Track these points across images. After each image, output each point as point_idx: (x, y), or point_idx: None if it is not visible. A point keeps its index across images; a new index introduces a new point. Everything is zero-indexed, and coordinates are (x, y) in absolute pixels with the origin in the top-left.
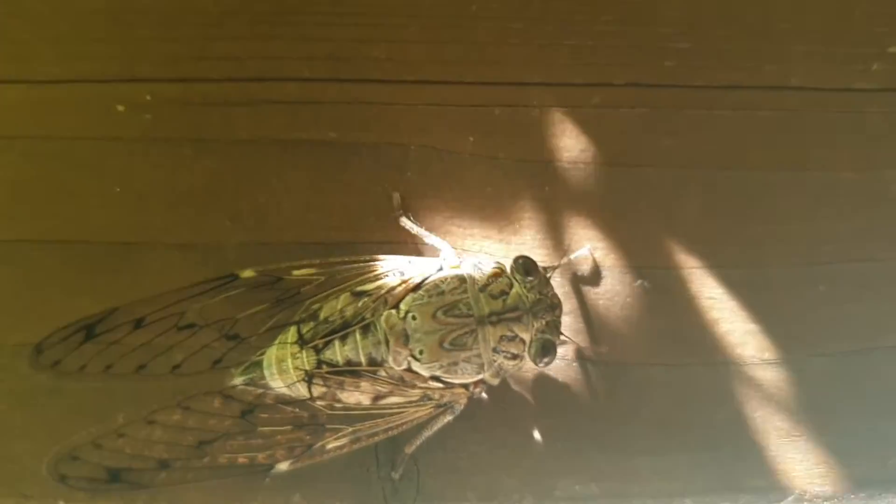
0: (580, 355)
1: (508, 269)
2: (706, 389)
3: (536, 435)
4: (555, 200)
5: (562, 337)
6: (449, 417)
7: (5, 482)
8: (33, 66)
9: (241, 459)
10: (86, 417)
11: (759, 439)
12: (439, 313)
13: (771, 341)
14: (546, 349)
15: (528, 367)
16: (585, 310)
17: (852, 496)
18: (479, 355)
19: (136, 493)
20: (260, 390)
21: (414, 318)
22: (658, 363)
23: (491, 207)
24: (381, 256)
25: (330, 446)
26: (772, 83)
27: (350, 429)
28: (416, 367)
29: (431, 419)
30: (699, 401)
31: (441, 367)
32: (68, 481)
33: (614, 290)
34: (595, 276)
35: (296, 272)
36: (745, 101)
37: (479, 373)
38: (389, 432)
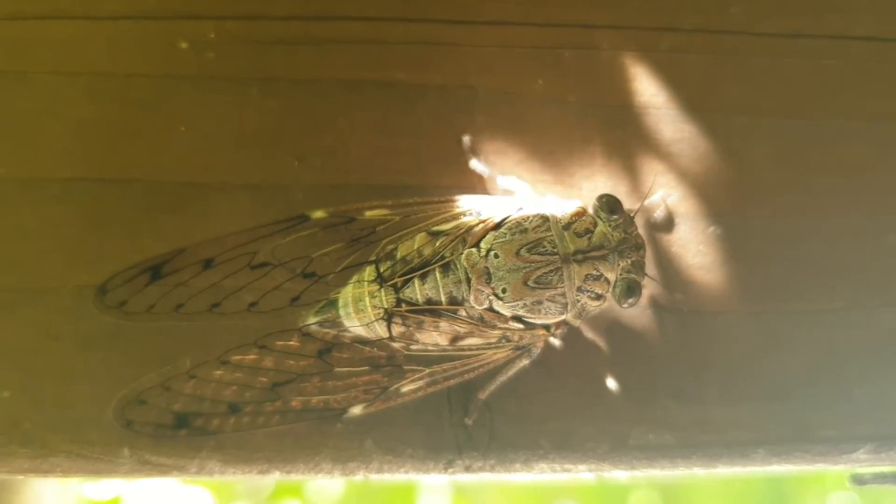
0: (654, 303)
1: (591, 208)
2: (778, 338)
3: (610, 383)
4: (627, 145)
5: (646, 278)
6: (525, 361)
7: (67, 428)
8: (95, 1)
9: (315, 402)
10: (149, 362)
11: (830, 389)
12: (523, 251)
13: (840, 291)
14: (632, 289)
15: (608, 309)
16: (659, 256)
17: None
18: (563, 294)
19: (203, 440)
20: (336, 330)
21: (496, 255)
22: (731, 311)
23: (562, 152)
24: (455, 197)
25: (405, 389)
26: (835, 32)
27: (427, 370)
28: (497, 306)
29: (508, 363)
30: (772, 350)
31: (524, 305)
32: (134, 426)
33: (687, 236)
34: (668, 223)
35: (368, 213)
36: (809, 50)
37: (562, 313)
38: (466, 375)
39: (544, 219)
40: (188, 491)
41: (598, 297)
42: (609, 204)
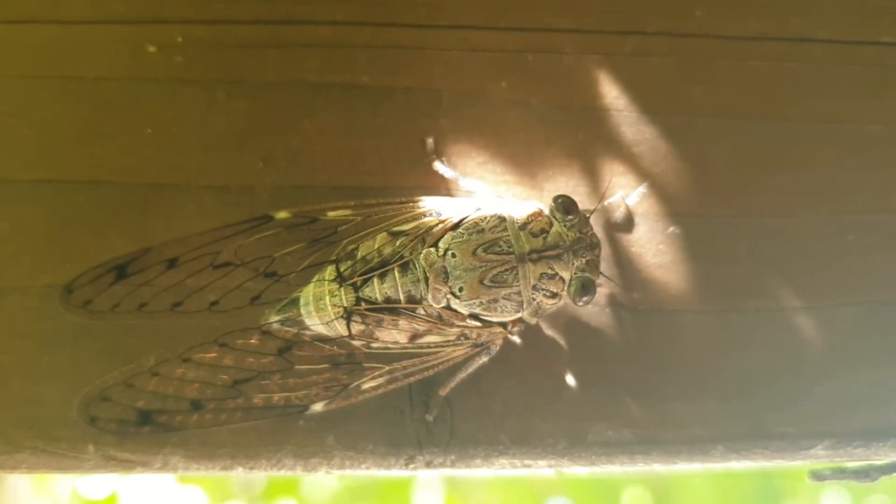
0: (613, 301)
1: (547, 209)
2: (737, 336)
3: (570, 380)
4: (588, 147)
5: (601, 277)
6: (484, 359)
7: (34, 425)
8: (64, 5)
9: (276, 399)
10: (115, 359)
11: (789, 387)
12: (479, 250)
13: (800, 290)
14: (586, 288)
15: (565, 307)
16: (618, 256)
17: (881, 444)
18: (518, 293)
19: (167, 437)
20: (297, 329)
21: (454, 255)
22: (689, 310)
23: (524, 153)
24: (417, 198)
25: (366, 386)
26: (799, 35)
27: (387, 367)
28: (455, 304)
29: (467, 360)
30: (730, 348)
31: (481, 303)
32: (98, 423)
33: (646, 236)
34: (628, 223)
35: (331, 213)
36: (773, 53)
37: (517, 311)
38: (425, 372)
39: (501, 219)
40: (182, 490)
41: (554, 295)
42: (564, 205)
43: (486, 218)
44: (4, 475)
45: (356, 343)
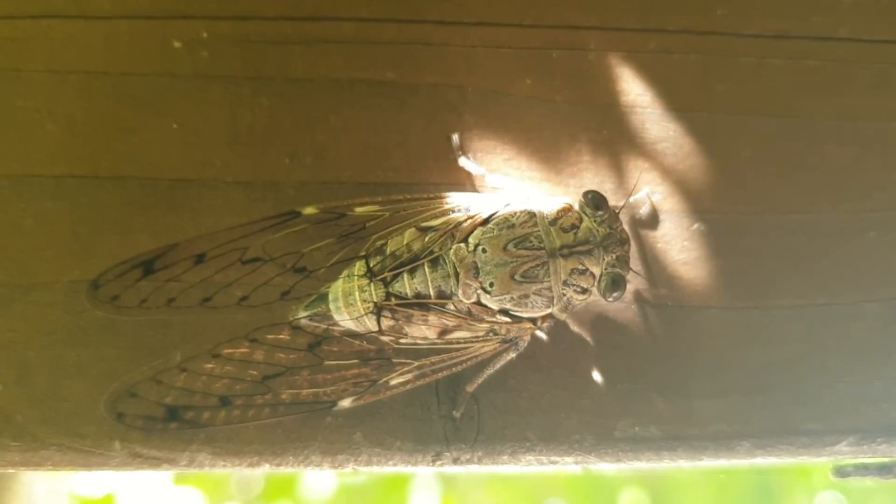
0: (638, 297)
1: (577, 205)
2: (761, 333)
3: (596, 376)
4: (613, 144)
5: (631, 272)
6: (512, 354)
7: (59, 421)
8: (89, 1)
9: (305, 395)
10: (141, 355)
11: (814, 383)
12: (510, 246)
13: (823, 286)
14: (616, 283)
15: (592, 303)
16: (644, 252)
17: None
18: (549, 288)
19: (194, 433)
20: (326, 324)
21: (484, 250)
22: (714, 306)
23: (549, 150)
24: (445, 194)
25: (394, 382)
26: (820, 33)
27: (415, 363)
28: (485, 299)
29: (495, 356)
30: (756, 344)
31: (511, 299)
32: (125, 419)
33: (671, 233)
34: (653, 220)
35: (359, 209)
36: (795, 51)
37: (548, 306)
38: (454, 368)
39: (531, 215)
40: (179, 490)
41: (584, 290)
42: (594, 200)
43: (516, 213)
44: (18, 474)
45: (385, 338)
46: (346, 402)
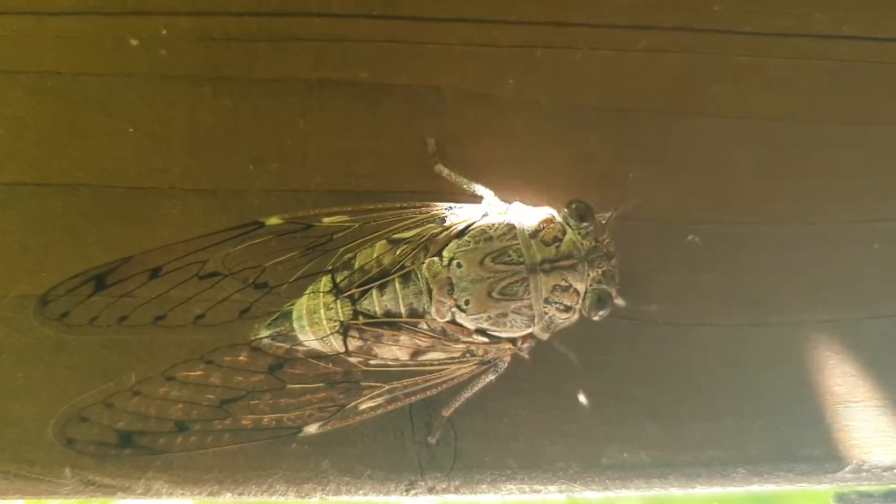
0: (628, 314)
1: (560, 216)
2: (760, 352)
3: (582, 399)
4: (601, 150)
5: (618, 289)
6: (491, 377)
7: (7, 447)
8: None
9: (267, 421)
10: (94, 377)
11: (814, 405)
12: (487, 260)
13: (824, 302)
14: (602, 301)
15: (577, 322)
16: (634, 266)
17: None
18: (529, 306)
19: (149, 460)
20: (289, 344)
21: (459, 265)
22: (709, 323)
23: (532, 156)
24: (419, 203)
25: (363, 406)
26: (823, 32)
27: (386, 386)
28: (460, 318)
29: (472, 378)
30: (752, 364)
31: (489, 318)
32: (76, 445)
33: (664, 246)
34: (644, 231)
35: (326, 219)
36: (796, 50)
37: (528, 325)
38: (428, 392)
39: (510, 227)
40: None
41: (567, 308)
42: (579, 210)
43: (494, 225)
44: None
45: (353, 360)
46: (311, 428)
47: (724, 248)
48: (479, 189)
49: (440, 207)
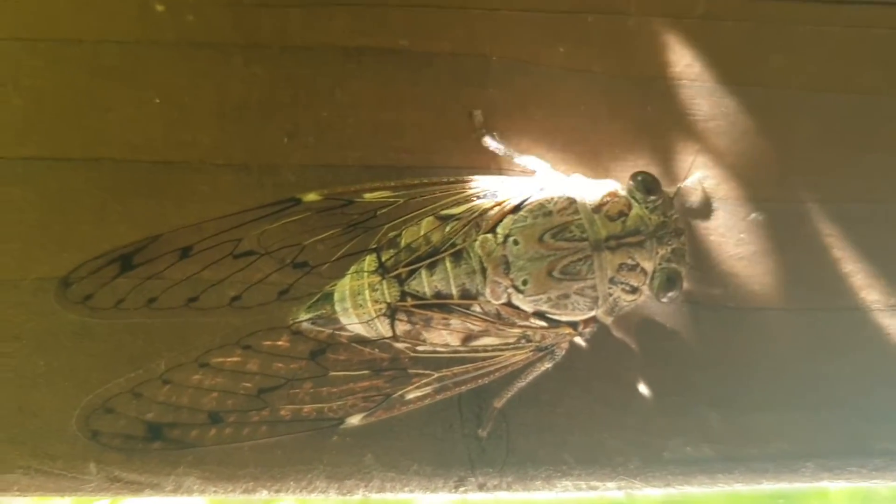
0: (690, 298)
1: (624, 189)
2: (829, 338)
3: (642, 389)
4: (658, 122)
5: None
6: (547, 365)
7: (28, 440)
8: None
9: (307, 411)
10: (120, 364)
11: (888, 396)
12: (547, 236)
13: None
14: (672, 281)
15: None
16: (696, 246)
17: None
18: (593, 287)
19: (180, 455)
20: (331, 329)
21: (516, 242)
22: (776, 308)
23: (585, 128)
24: (467, 177)
25: (410, 396)
26: None
27: (435, 374)
28: (517, 300)
29: (527, 366)
30: (822, 351)
31: (549, 300)
32: (101, 438)
33: (726, 224)
34: (706, 209)
35: (368, 195)
36: (858, 18)
37: (591, 308)
38: (480, 380)
39: (571, 200)
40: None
41: (634, 290)
42: (646, 183)
43: (553, 199)
44: None
45: (400, 346)
46: (354, 420)
47: (788, 227)
48: (532, 162)
49: (491, 181)
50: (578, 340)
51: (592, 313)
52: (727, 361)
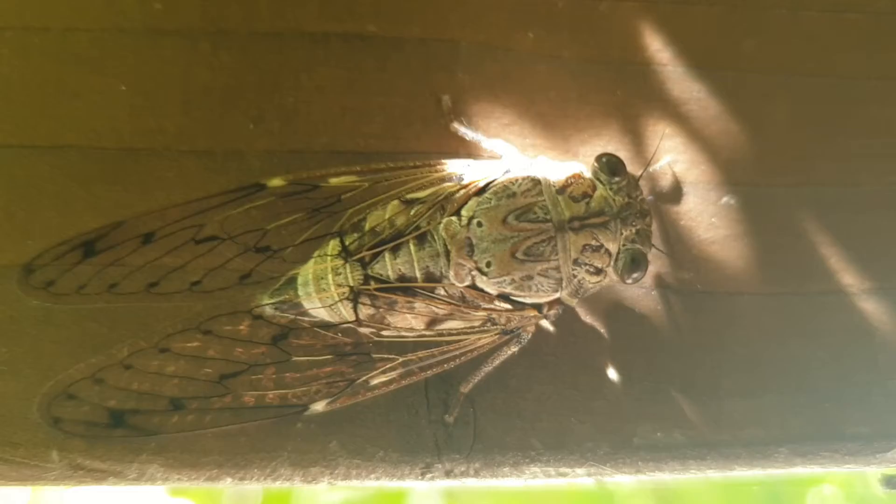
0: (660, 282)
1: (589, 171)
2: (802, 323)
3: (611, 374)
4: (627, 106)
5: (653, 251)
6: (514, 349)
7: None
8: None
9: (271, 398)
10: (83, 351)
11: (861, 380)
12: (510, 218)
13: (869, 268)
14: (637, 262)
15: (609, 287)
16: (666, 230)
17: None
18: (557, 268)
19: (143, 442)
20: (294, 313)
21: (479, 224)
22: (748, 292)
23: (555, 113)
24: (433, 161)
25: (375, 381)
26: None
27: (400, 359)
28: (481, 282)
29: (493, 350)
30: (794, 336)
31: (512, 281)
32: (63, 425)
33: (697, 208)
34: (676, 193)
35: (333, 180)
36: (831, 2)
37: (555, 290)
38: (445, 365)
39: (535, 182)
40: (172, 502)
41: (598, 271)
42: (610, 164)
43: (517, 180)
44: None
45: (364, 330)
46: (319, 406)
47: (762, 212)
48: (499, 146)
49: (458, 165)
50: (545, 324)
51: (557, 295)
52: (698, 346)
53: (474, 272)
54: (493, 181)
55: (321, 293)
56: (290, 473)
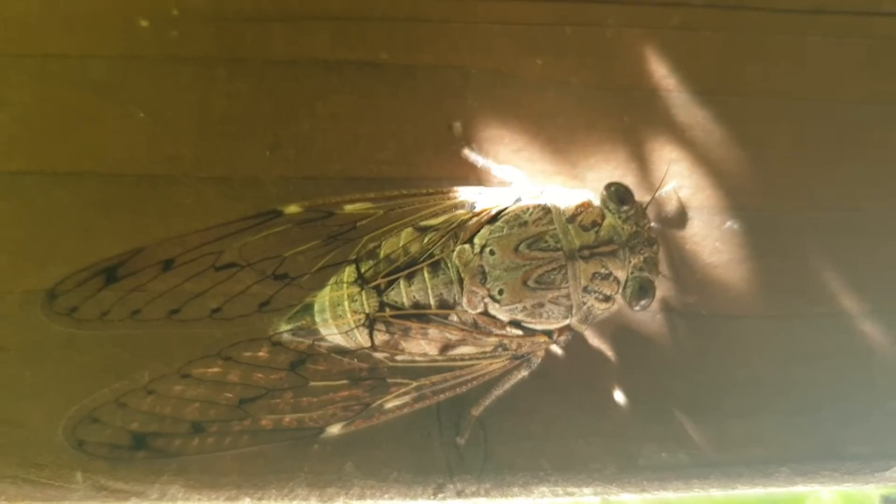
0: (665, 306)
1: (598, 199)
2: (804, 345)
3: (618, 396)
4: (635, 132)
5: (660, 277)
6: (524, 373)
7: (15, 450)
8: None
9: (288, 421)
10: (106, 375)
11: (860, 400)
12: (522, 247)
13: (870, 292)
14: (645, 289)
15: (616, 312)
16: (671, 255)
17: None
18: (567, 296)
19: (164, 463)
20: (311, 339)
21: (492, 252)
22: (749, 315)
23: (563, 139)
24: (446, 188)
25: (389, 405)
26: (862, 8)
27: (414, 384)
28: (493, 309)
29: (504, 374)
30: (796, 358)
31: (524, 309)
32: (87, 448)
33: (702, 232)
34: (681, 218)
35: (348, 207)
36: (833, 28)
37: (566, 316)
38: (457, 389)
39: (546, 210)
40: None
41: (607, 298)
42: (619, 194)
43: (528, 209)
44: None
45: (379, 355)
46: (334, 429)
47: (765, 236)
48: (510, 173)
49: (470, 192)
50: (555, 349)
51: (567, 322)
52: (702, 368)
53: (487, 299)
54: (504, 209)
55: (338, 320)
56: (306, 494)
